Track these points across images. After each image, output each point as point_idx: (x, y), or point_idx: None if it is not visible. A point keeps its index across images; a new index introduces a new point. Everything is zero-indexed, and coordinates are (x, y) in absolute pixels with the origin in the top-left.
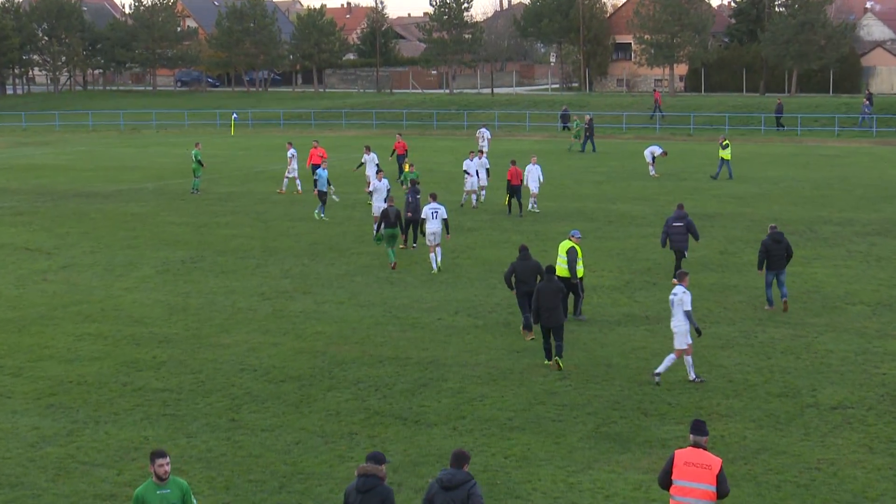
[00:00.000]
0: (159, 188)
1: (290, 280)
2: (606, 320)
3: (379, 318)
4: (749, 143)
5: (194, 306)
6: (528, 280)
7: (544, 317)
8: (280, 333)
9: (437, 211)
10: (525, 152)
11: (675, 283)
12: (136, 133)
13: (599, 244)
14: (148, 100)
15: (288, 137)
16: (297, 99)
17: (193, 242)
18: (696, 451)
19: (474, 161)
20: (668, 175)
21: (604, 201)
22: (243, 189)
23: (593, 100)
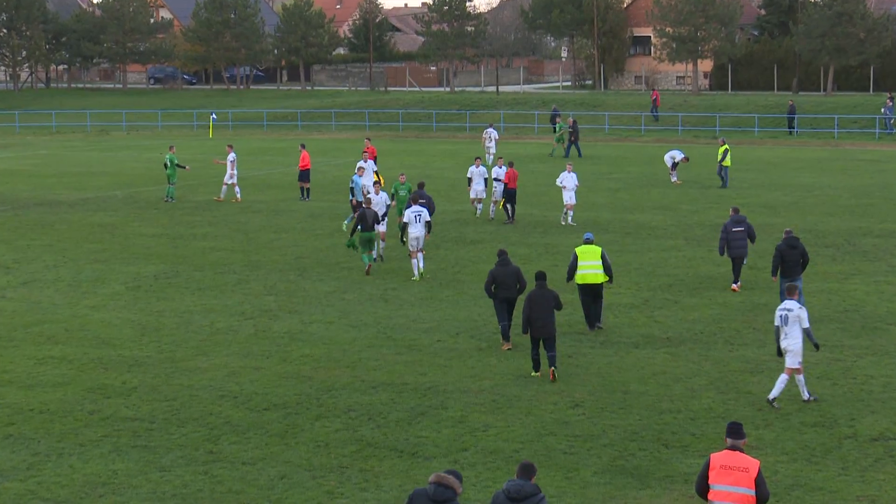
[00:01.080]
0: (130, 196)
1: (274, 297)
2: (623, 342)
3: (372, 340)
4: (781, 146)
5: (168, 326)
6: (509, 286)
7: (536, 326)
8: (263, 356)
9: (420, 214)
10: (533, 157)
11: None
12: (104, 135)
13: (615, 258)
14: (117, 98)
15: (281, 139)
16: (282, 98)
17: (167, 256)
18: (733, 454)
19: (480, 168)
20: (690, 182)
21: (620, 211)
22: (223, 197)
23: (609, 99)
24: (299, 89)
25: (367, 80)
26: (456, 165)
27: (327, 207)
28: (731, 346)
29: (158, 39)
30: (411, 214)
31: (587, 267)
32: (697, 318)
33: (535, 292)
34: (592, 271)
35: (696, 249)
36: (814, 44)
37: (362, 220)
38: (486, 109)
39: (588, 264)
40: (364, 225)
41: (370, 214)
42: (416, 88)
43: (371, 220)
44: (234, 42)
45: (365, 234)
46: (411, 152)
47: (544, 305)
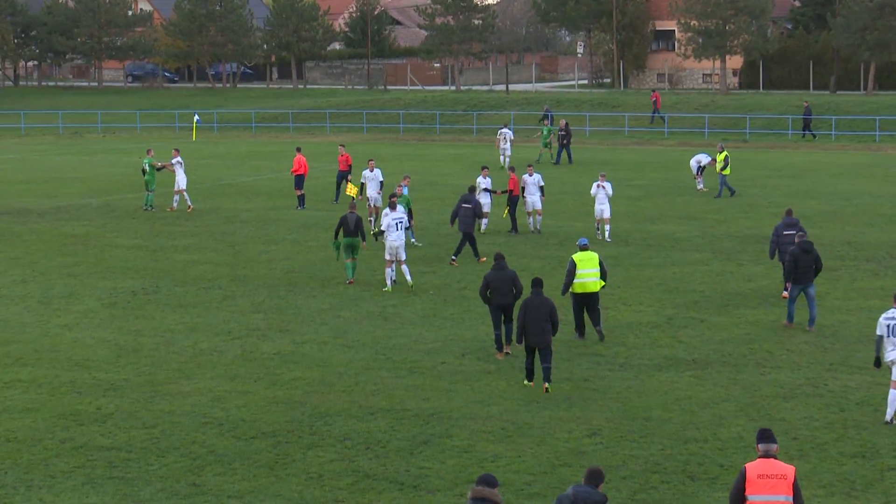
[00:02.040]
0: (106, 204)
1: (262, 315)
2: (644, 364)
3: (370, 362)
4: (817, 150)
5: (147, 347)
6: (504, 292)
7: (531, 335)
8: (251, 380)
9: (401, 221)
10: (547, 161)
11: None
12: (77, 138)
13: (635, 272)
14: (92, 98)
15: (271, 142)
16: (271, 97)
17: (146, 270)
18: (769, 462)
19: (487, 180)
20: (716, 189)
21: (641, 221)
22: (207, 205)
23: (628, 98)
24: (291, 88)
25: (364, 77)
26: (461, 171)
27: (321, 217)
28: (762, 368)
29: (137, 33)
30: (392, 222)
31: (587, 275)
32: (726, 339)
33: (530, 299)
34: (592, 279)
35: (725, 263)
36: (853, 38)
37: (343, 225)
38: (495, 110)
39: (587, 272)
40: (346, 230)
41: (351, 219)
42: (419, 87)
43: (353, 225)
44: (219, 36)
45: (346, 240)
46: (413, 157)
47: (540, 313)
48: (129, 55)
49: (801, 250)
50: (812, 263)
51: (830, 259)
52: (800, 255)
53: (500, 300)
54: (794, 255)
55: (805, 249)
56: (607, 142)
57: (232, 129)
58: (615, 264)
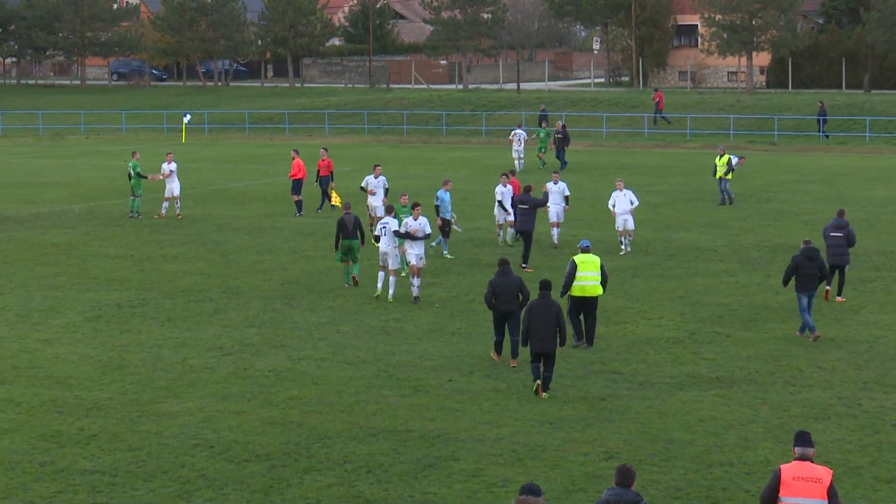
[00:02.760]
0: (89, 211)
1: (256, 330)
2: (665, 383)
3: (371, 380)
4: (850, 153)
5: (133, 364)
6: (509, 298)
7: (536, 340)
8: (244, 399)
9: (386, 226)
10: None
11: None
12: (59, 140)
13: (656, 284)
14: (75, 97)
15: (266, 144)
16: (266, 96)
17: (133, 281)
18: (804, 465)
19: (507, 188)
20: (745, 195)
21: (662, 229)
22: (197, 212)
23: (648, 98)
24: (287, 86)
25: (365, 75)
26: (470, 176)
27: (320, 224)
28: (791, 387)
29: (122, 28)
30: (379, 227)
31: (587, 278)
32: (753, 355)
33: (536, 302)
34: (592, 283)
35: (752, 274)
36: (889, 34)
37: (342, 228)
38: (505, 110)
39: (587, 275)
40: (345, 232)
41: (349, 220)
42: (424, 86)
43: (352, 227)
44: (210, 31)
45: (345, 243)
46: (417, 160)
47: (546, 317)
48: (114, 51)
49: (806, 257)
50: (816, 271)
51: (865, 270)
52: (803, 262)
53: (504, 306)
54: (796, 261)
55: (810, 257)
56: (625, 144)
57: (224, 130)
58: (633, 275)
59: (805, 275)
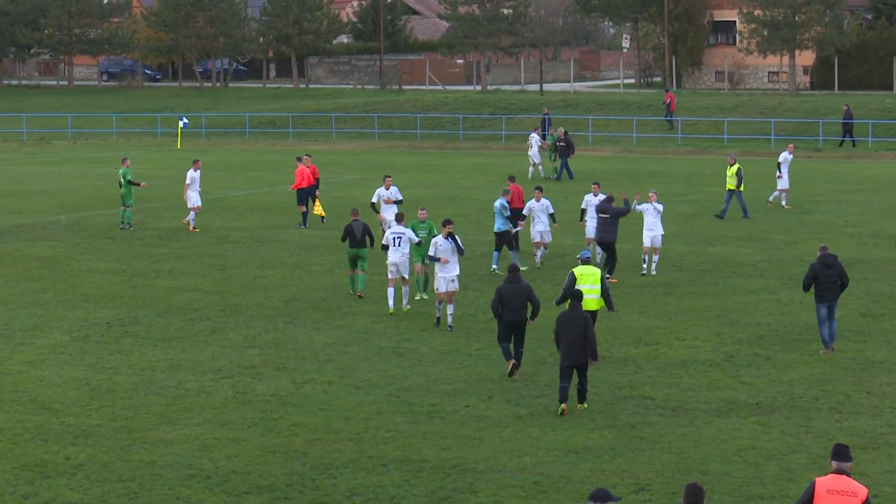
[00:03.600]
0: (77, 222)
1: (257, 351)
2: (700, 409)
3: (381, 405)
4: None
5: (124, 387)
6: (517, 307)
7: (566, 351)
8: (244, 426)
9: (401, 237)
10: (587, 173)
11: None
12: (44, 145)
13: (690, 302)
14: (62, 99)
15: (268, 150)
16: (269, 98)
17: (123, 298)
18: (840, 478)
19: (542, 203)
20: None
21: (697, 242)
22: (194, 224)
23: (682, 100)
24: (291, 88)
25: (376, 76)
26: (488, 185)
27: (326, 237)
28: (838, 414)
29: (113, 25)
30: (391, 236)
31: (586, 291)
32: (796, 379)
33: (567, 313)
34: (591, 296)
35: (794, 291)
36: None
37: (349, 235)
38: (527, 114)
39: (587, 288)
40: (352, 240)
41: (357, 227)
42: (439, 87)
43: (360, 234)
44: (208, 28)
45: (353, 252)
46: (431, 168)
47: (577, 329)
48: (103, 50)
49: (823, 265)
50: (836, 278)
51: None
52: (821, 270)
53: (511, 316)
54: (814, 269)
55: (827, 264)
56: (657, 150)
57: (223, 135)
58: (666, 292)
59: (824, 283)
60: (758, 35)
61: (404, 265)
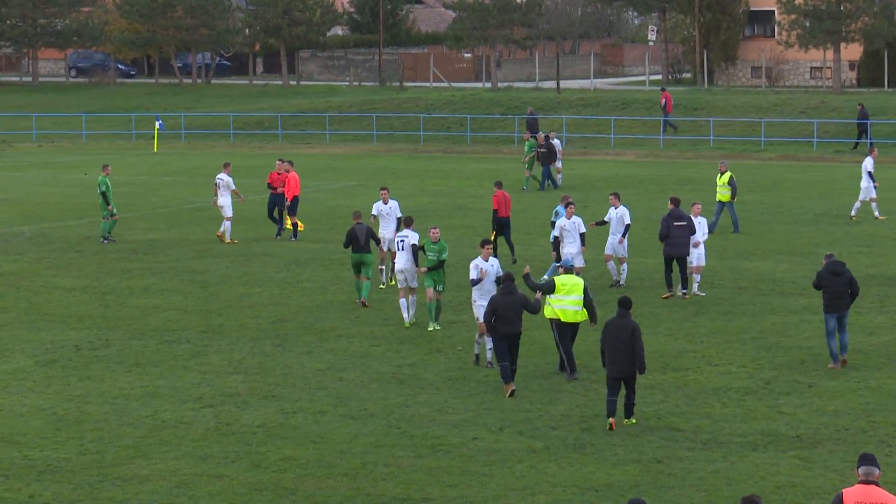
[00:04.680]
0: (41, 233)
1: (242, 377)
2: (735, 441)
3: (380, 437)
4: None
5: (95, 417)
6: (511, 319)
7: (612, 362)
8: (227, 460)
9: (405, 240)
10: (609, 179)
11: None
12: (5, 148)
13: (723, 323)
14: (25, 97)
15: (254, 153)
16: (255, 96)
17: (94, 318)
18: (868, 489)
19: (574, 220)
20: (831, 216)
21: (730, 257)
22: (171, 235)
23: (715, 99)
24: (280, 85)
25: (374, 71)
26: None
27: (318, 250)
28: (888, 448)
29: (83, 14)
30: (398, 241)
31: (565, 302)
32: (840, 409)
33: (613, 321)
34: (571, 308)
35: None
36: None
37: (352, 240)
38: (543, 113)
39: (568, 299)
40: (355, 245)
41: (361, 231)
42: (444, 84)
43: (363, 239)
44: (188, 18)
45: (356, 257)
46: (436, 173)
47: (623, 338)
48: (72, 42)
49: (831, 273)
50: (846, 287)
51: None
52: (829, 278)
53: (507, 328)
54: (821, 276)
55: (835, 272)
56: (686, 155)
57: (204, 137)
58: (697, 312)
59: (832, 293)
60: (799, 26)
61: (411, 273)
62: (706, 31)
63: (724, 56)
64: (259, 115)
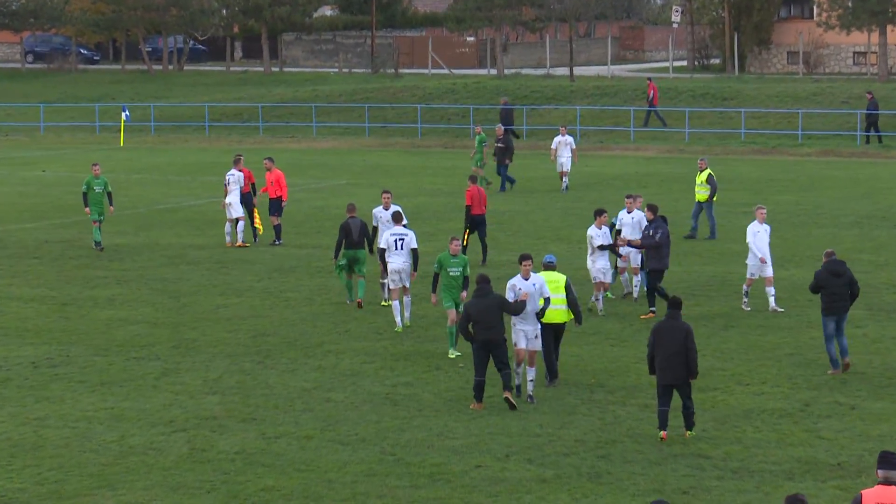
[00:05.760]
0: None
1: (219, 398)
2: (769, 470)
3: (373, 465)
4: None
5: (54, 443)
6: (489, 324)
7: (663, 368)
8: (202, 490)
9: (404, 238)
10: (628, 177)
11: None
12: None
13: (756, 338)
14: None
15: (232, 148)
16: (233, 84)
17: (53, 332)
18: (889, 490)
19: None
20: (875, 218)
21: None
22: (140, 240)
23: (747, 88)
24: (261, 71)
25: (366, 57)
26: (507, 193)
27: (304, 256)
28: None
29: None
30: (392, 239)
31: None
32: (887, 434)
33: (663, 323)
34: (556, 307)
35: (886, 325)
36: None
37: (345, 234)
38: (555, 104)
39: (548, 298)
40: (348, 240)
41: (354, 225)
42: (444, 70)
43: (357, 234)
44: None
45: (349, 253)
46: (435, 171)
47: (675, 341)
48: (28, 24)
49: (830, 273)
50: (846, 288)
51: None
52: (828, 279)
53: (484, 335)
54: (819, 277)
55: (835, 272)
56: (715, 149)
57: (176, 129)
58: (726, 325)
59: (831, 294)
60: (840, 6)
61: (407, 273)
62: (737, 11)
63: (757, 40)
64: (237, 105)
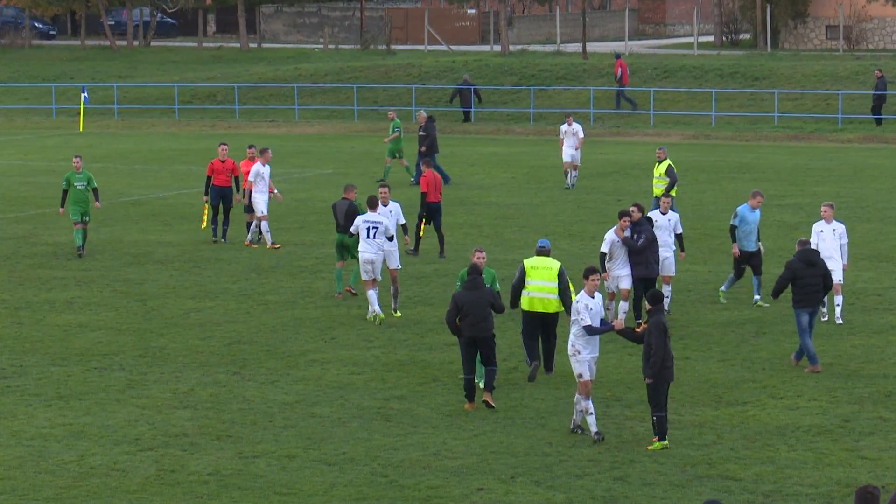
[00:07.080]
0: None
1: (190, 412)
2: (805, 493)
3: (362, 488)
4: None
5: (6, 463)
6: (479, 319)
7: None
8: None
9: (377, 227)
10: (646, 165)
11: None
12: None
13: (791, 346)
14: None
15: (204, 133)
16: (206, 62)
17: (5, 339)
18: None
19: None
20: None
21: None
22: (101, 236)
23: (780, 66)
24: (237, 48)
25: (355, 31)
26: (512, 182)
27: (284, 255)
28: None
29: None
30: (364, 226)
31: (537, 289)
32: None
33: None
34: (543, 295)
35: None
36: None
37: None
38: (565, 84)
39: (538, 284)
40: (336, 223)
41: (342, 207)
42: (442, 47)
43: (344, 218)
44: None
45: (338, 237)
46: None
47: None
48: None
49: (804, 262)
50: (819, 280)
51: None
52: (801, 269)
53: (472, 331)
54: (792, 269)
55: (809, 261)
56: (745, 135)
57: (142, 112)
58: (757, 333)
59: (805, 285)
60: None
61: (380, 264)
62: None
63: (793, 12)
64: (211, 85)
